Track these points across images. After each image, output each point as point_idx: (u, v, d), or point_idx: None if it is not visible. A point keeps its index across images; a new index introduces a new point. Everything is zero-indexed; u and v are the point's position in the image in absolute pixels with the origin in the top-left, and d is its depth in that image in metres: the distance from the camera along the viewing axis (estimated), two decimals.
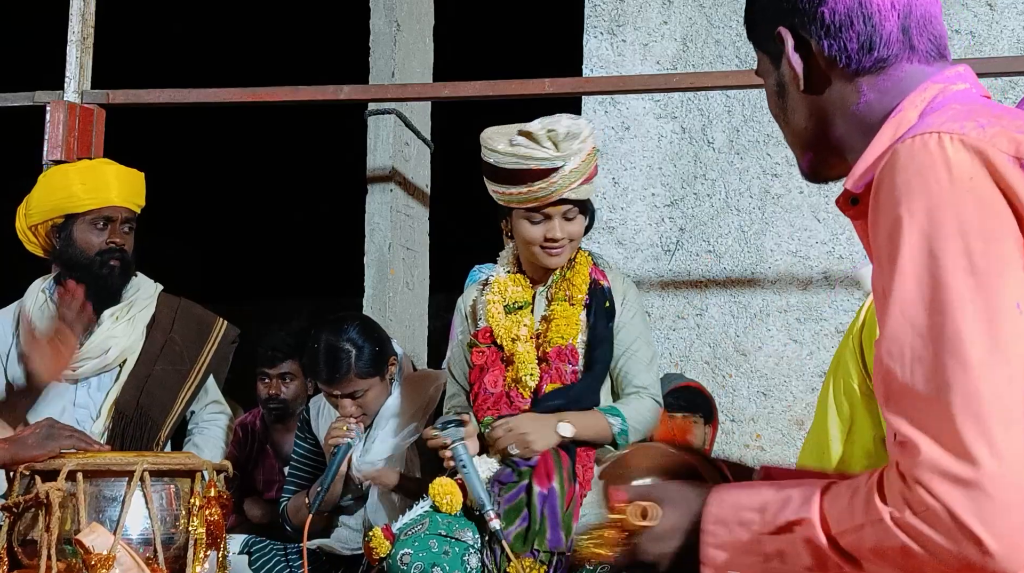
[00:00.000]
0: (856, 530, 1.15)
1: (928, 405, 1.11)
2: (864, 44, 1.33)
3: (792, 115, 1.41)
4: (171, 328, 3.26)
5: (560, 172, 2.65)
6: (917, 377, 1.12)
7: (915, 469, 1.10)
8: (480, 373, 2.79)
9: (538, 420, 2.68)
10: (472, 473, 2.56)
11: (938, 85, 1.31)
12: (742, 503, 1.25)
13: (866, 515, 1.14)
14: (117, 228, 3.13)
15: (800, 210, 4.11)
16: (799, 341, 4.06)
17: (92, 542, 2.08)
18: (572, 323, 2.73)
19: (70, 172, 3.20)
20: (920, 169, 1.16)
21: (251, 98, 3.98)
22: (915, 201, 1.15)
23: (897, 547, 1.12)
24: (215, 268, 9.64)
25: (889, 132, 1.29)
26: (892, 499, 1.12)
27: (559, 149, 2.65)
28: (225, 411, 3.35)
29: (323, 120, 7.68)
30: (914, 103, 1.30)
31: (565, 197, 2.69)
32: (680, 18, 4.29)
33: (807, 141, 1.41)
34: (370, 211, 4.65)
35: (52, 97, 3.91)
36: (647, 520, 1.31)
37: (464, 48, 6.37)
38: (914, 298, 1.13)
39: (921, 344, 1.12)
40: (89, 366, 3.13)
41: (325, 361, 3.02)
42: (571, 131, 2.64)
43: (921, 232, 1.13)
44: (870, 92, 1.34)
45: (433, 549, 2.50)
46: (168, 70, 6.44)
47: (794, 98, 1.40)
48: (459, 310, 3.00)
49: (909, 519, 1.10)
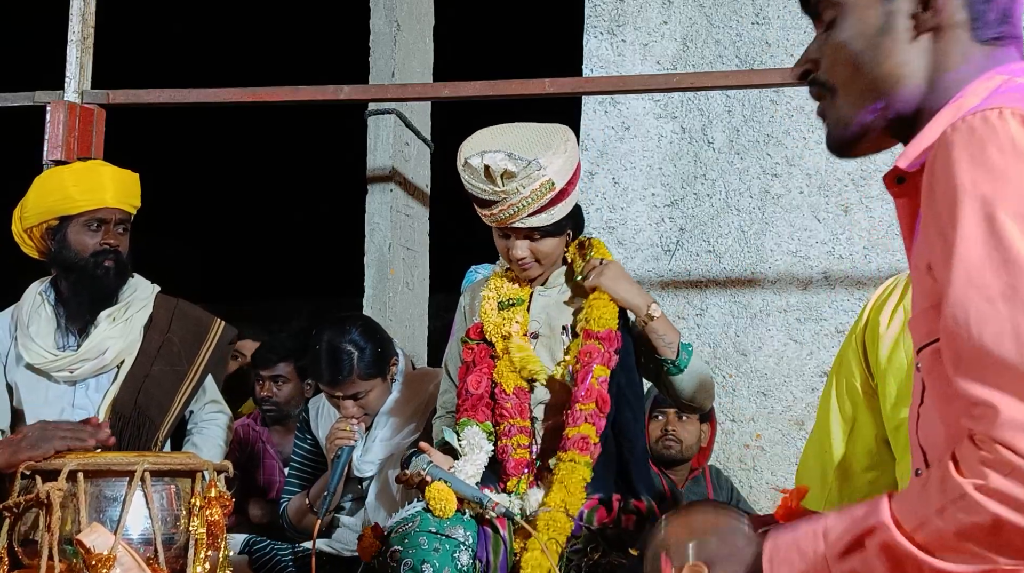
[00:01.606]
0: (937, 515, 1.11)
1: (1004, 365, 1.09)
2: (1002, 15, 1.30)
3: (886, 57, 1.31)
4: (168, 328, 3.26)
5: (500, 206, 2.65)
6: (988, 339, 1.10)
7: (995, 430, 1.07)
8: (467, 371, 2.79)
9: (634, 282, 2.75)
10: (456, 481, 2.57)
11: (1003, 76, 1.29)
12: (799, 536, 1.22)
13: (945, 496, 1.11)
14: (111, 229, 3.13)
15: (800, 210, 4.11)
16: (799, 341, 4.06)
17: (93, 542, 2.08)
18: (611, 307, 2.73)
19: (64, 174, 3.20)
20: (981, 141, 1.15)
21: (251, 98, 3.98)
22: (976, 171, 1.14)
23: (986, 522, 1.08)
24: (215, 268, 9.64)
25: (947, 116, 1.27)
26: (971, 470, 1.09)
27: (496, 184, 2.62)
28: (224, 410, 3.35)
29: (323, 120, 7.68)
30: (976, 91, 1.28)
31: (516, 226, 2.68)
32: (680, 18, 4.29)
33: (886, 91, 1.32)
34: (370, 211, 4.65)
35: (52, 97, 3.91)
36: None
37: (464, 48, 6.37)
38: (979, 262, 1.12)
39: (990, 307, 1.11)
40: (86, 367, 3.13)
41: (327, 363, 3.02)
42: (507, 170, 2.60)
43: (983, 199, 1.13)
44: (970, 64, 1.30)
45: (423, 546, 2.49)
46: (168, 70, 6.44)
47: (899, 39, 1.31)
48: (460, 307, 3.01)
49: (995, 484, 1.07)
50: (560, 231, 2.77)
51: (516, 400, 2.73)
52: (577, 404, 2.66)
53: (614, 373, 2.70)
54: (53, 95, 3.92)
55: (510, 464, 2.69)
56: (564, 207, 2.72)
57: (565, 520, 2.56)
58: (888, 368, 2.21)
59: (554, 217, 2.70)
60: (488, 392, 2.75)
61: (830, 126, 1.36)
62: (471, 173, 2.65)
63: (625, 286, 2.74)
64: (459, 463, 2.66)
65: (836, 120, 1.35)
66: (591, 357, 2.67)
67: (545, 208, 2.67)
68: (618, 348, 2.70)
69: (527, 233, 2.72)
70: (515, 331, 2.75)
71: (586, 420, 2.65)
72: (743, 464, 4.05)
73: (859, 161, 4.09)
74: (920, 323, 1.27)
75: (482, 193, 2.66)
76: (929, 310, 1.23)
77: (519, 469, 2.70)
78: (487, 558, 2.56)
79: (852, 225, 4.04)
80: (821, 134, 4.64)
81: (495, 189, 2.63)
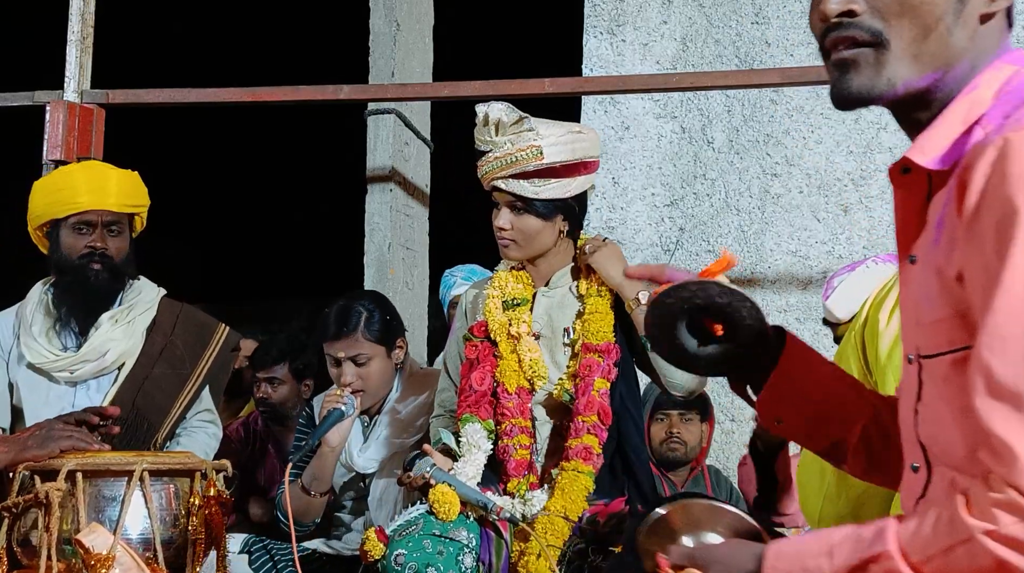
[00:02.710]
0: (944, 554, 1.10)
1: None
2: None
3: (961, 28, 1.24)
4: (172, 332, 3.26)
5: (487, 157, 2.71)
6: (1022, 378, 1.08)
7: (1012, 474, 1.06)
8: (470, 368, 2.78)
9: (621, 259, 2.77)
10: (460, 484, 2.57)
11: (1012, 67, 1.26)
12: (805, 551, 1.20)
13: (953, 535, 1.09)
14: (99, 232, 3.12)
15: (800, 210, 4.11)
16: None
17: (92, 542, 2.08)
18: (608, 319, 2.73)
19: (53, 177, 3.24)
20: None
21: (251, 98, 3.98)
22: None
23: (992, 565, 1.07)
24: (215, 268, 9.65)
25: (962, 110, 1.24)
26: (982, 513, 1.08)
27: (487, 134, 2.70)
28: (215, 422, 3.33)
29: (323, 120, 7.69)
30: (988, 83, 1.24)
31: (496, 185, 2.71)
32: (680, 18, 4.29)
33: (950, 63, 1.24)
34: (370, 211, 4.65)
35: (52, 97, 3.91)
36: None
37: (464, 48, 6.38)
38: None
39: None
40: (87, 369, 3.13)
41: (335, 317, 3.05)
42: (500, 120, 2.67)
43: None
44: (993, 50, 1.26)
45: (427, 549, 2.50)
46: (168, 70, 6.44)
47: (973, 14, 1.25)
48: (460, 306, 3.00)
49: (1006, 529, 1.06)
50: (546, 215, 2.75)
51: (518, 400, 2.73)
52: (579, 416, 2.66)
53: (615, 383, 2.70)
54: (53, 95, 3.92)
55: (511, 464, 2.69)
56: (555, 188, 2.70)
57: (564, 525, 2.56)
58: (888, 365, 2.21)
59: (539, 192, 2.69)
60: (490, 390, 2.75)
61: (864, 79, 1.25)
62: (477, 123, 2.73)
63: (618, 269, 2.74)
64: (458, 464, 2.66)
65: (878, 76, 1.25)
66: (591, 370, 2.68)
67: (529, 176, 2.67)
68: (617, 360, 2.71)
69: (510, 202, 2.72)
70: (523, 332, 2.76)
71: (588, 431, 2.66)
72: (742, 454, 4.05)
73: (859, 161, 4.10)
74: (939, 330, 1.24)
75: (478, 143, 2.72)
76: (952, 318, 1.20)
77: (520, 470, 2.70)
78: (490, 560, 2.57)
79: (852, 225, 4.04)
80: (821, 134, 4.64)
81: (486, 139, 2.70)
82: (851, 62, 1.26)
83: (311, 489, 3.04)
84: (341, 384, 3.02)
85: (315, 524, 3.13)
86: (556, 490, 2.62)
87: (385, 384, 3.12)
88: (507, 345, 2.76)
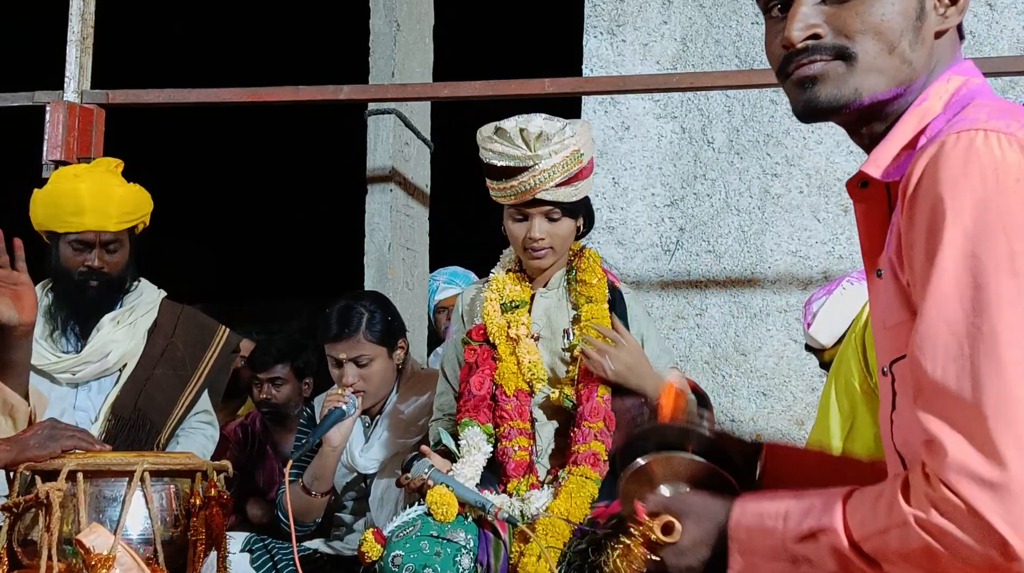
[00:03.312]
0: (880, 534, 1.14)
1: (959, 404, 1.10)
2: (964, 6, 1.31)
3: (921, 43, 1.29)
4: (173, 333, 3.26)
5: (531, 171, 2.63)
6: (950, 376, 1.11)
7: (942, 470, 1.09)
8: (469, 371, 2.78)
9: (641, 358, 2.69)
10: (459, 486, 2.57)
11: (960, 77, 1.29)
12: (764, 511, 1.26)
13: (890, 518, 1.14)
14: (97, 251, 3.10)
15: (800, 210, 4.11)
16: (799, 341, 4.05)
17: (92, 542, 2.08)
18: (605, 323, 2.73)
19: (54, 188, 3.12)
20: (966, 166, 1.14)
21: (251, 98, 3.98)
22: (960, 199, 1.13)
23: (921, 549, 1.11)
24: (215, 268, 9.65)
25: (913, 122, 1.27)
26: (917, 501, 1.12)
27: (531, 148, 2.63)
28: (213, 424, 3.34)
29: (323, 120, 7.69)
30: (938, 93, 1.28)
31: (540, 197, 2.67)
32: (680, 18, 4.29)
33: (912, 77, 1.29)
34: (370, 211, 4.65)
35: (52, 97, 3.91)
36: (671, 535, 1.32)
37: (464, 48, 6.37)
38: (952, 296, 1.12)
39: (956, 343, 1.11)
40: (89, 370, 3.13)
41: (337, 317, 3.05)
42: (544, 132, 2.61)
43: (964, 231, 1.12)
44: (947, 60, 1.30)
45: (425, 550, 2.50)
46: (168, 70, 6.44)
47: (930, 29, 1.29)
48: (456, 309, 3.00)
49: (934, 520, 1.10)
50: (577, 214, 2.77)
51: (517, 402, 2.73)
52: (584, 421, 2.66)
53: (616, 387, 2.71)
54: (53, 95, 3.91)
55: (510, 466, 2.69)
56: (585, 186, 2.74)
57: (564, 527, 2.56)
58: None
59: (579, 192, 2.71)
60: (490, 394, 2.75)
61: (831, 89, 1.29)
62: (503, 139, 2.65)
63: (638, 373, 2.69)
64: (457, 465, 2.66)
65: (846, 87, 1.28)
66: (592, 376, 2.68)
67: (571, 181, 2.68)
68: None
69: (548, 211, 2.70)
70: (522, 334, 2.75)
71: (596, 437, 2.66)
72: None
73: (859, 161, 4.09)
74: (895, 335, 1.27)
75: (512, 160, 2.64)
76: (910, 321, 1.22)
77: (519, 471, 2.70)
78: (488, 561, 2.57)
79: (852, 225, 4.04)
80: (821, 134, 4.64)
81: (527, 153, 2.63)
82: (819, 76, 1.29)
83: (312, 489, 3.04)
84: (343, 384, 3.02)
85: (316, 524, 3.14)
86: (562, 493, 2.62)
87: (386, 384, 3.13)
88: (506, 347, 2.76)
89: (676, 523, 1.32)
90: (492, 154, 2.66)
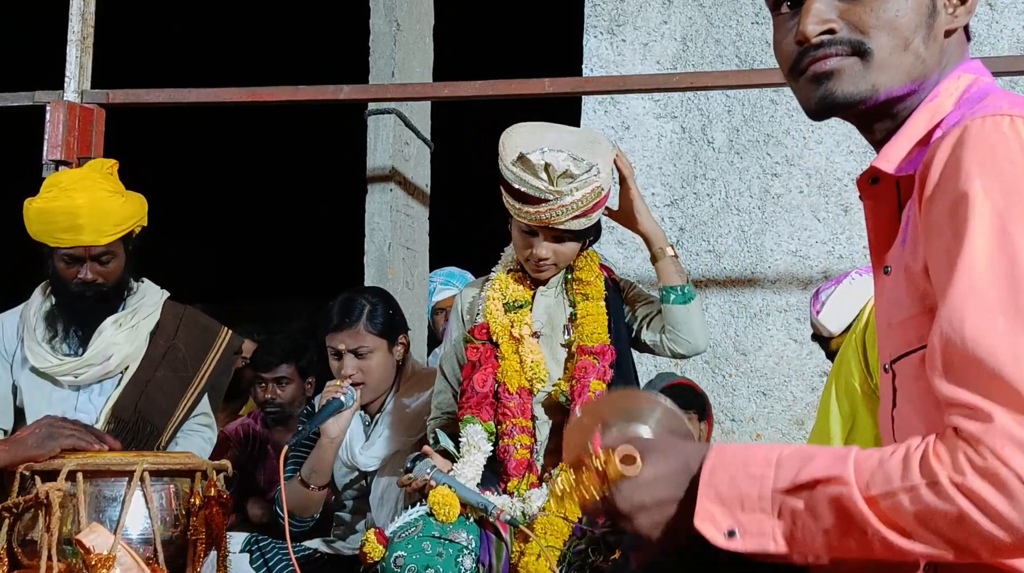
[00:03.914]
0: (905, 492, 1.09)
1: (996, 376, 1.08)
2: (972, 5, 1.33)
3: (933, 40, 1.30)
4: (175, 335, 3.25)
5: (549, 204, 2.63)
6: (982, 349, 1.09)
7: (987, 434, 1.07)
8: (472, 370, 2.79)
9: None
10: (461, 486, 2.57)
11: (970, 75, 1.30)
12: (751, 457, 1.17)
13: (915, 477, 1.09)
14: (89, 264, 3.08)
15: (800, 210, 4.11)
16: (799, 341, 4.05)
17: (92, 542, 2.08)
18: (601, 320, 2.74)
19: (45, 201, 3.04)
20: (993, 149, 1.14)
21: (251, 98, 3.97)
22: (989, 179, 1.13)
23: (951, 512, 1.07)
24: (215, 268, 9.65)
25: (924, 118, 1.27)
26: (952, 463, 1.08)
27: (553, 183, 2.61)
28: (211, 426, 3.33)
29: (323, 120, 7.69)
30: (949, 91, 1.29)
31: (556, 227, 2.68)
32: (680, 18, 4.29)
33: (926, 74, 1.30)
34: (370, 211, 4.65)
35: (52, 97, 3.90)
36: (630, 467, 1.19)
37: (464, 48, 6.37)
38: (984, 272, 1.11)
39: (988, 318, 1.10)
40: (91, 373, 3.12)
41: (339, 308, 3.07)
42: (568, 171, 2.60)
43: (995, 209, 1.12)
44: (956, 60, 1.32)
45: (427, 551, 2.50)
46: (168, 70, 6.44)
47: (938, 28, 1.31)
48: (455, 308, 2.99)
49: (972, 483, 1.06)
50: (585, 236, 2.79)
51: (519, 400, 2.73)
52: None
53: (612, 383, 2.71)
54: (53, 95, 3.91)
55: (511, 464, 2.70)
56: (599, 214, 2.74)
57: (563, 525, 2.56)
58: None
59: (591, 221, 2.72)
60: (492, 392, 2.76)
61: (847, 86, 1.29)
62: (526, 169, 2.63)
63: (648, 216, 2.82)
64: (457, 465, 2.66)
65: (864, 83, 1.29)
66: (586, 373, 2.69)
67: (588, 212, 2.68)
68: (612, 361, 2.71)
69: (559, 235, 2.71)
70: (525, 334, 2.76)
71: None
72: None
73: (859, 161, 4.09)
74: (901, 332, 1.26)
75: (533, 190, 2.63)
76: (921, 315, 1.21)
77: (520, 469, 2.70)
78: (490, 562, 2.57)
79: (852, 225, 4.04)
80: (821, 133, 4.63)
81: (550, 188, 2.62)
82: (835, 71, 1.30)
83: (310, 482, 3.03)
84: (341, 376, 3.02)
85: (314, 519, 3.12)
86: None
87: (385, 379, 3.12)
88: (509, 346, 2.77)
89: (637, 456, 1.19)
90: (512, 176, 2.65)
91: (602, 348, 2.71)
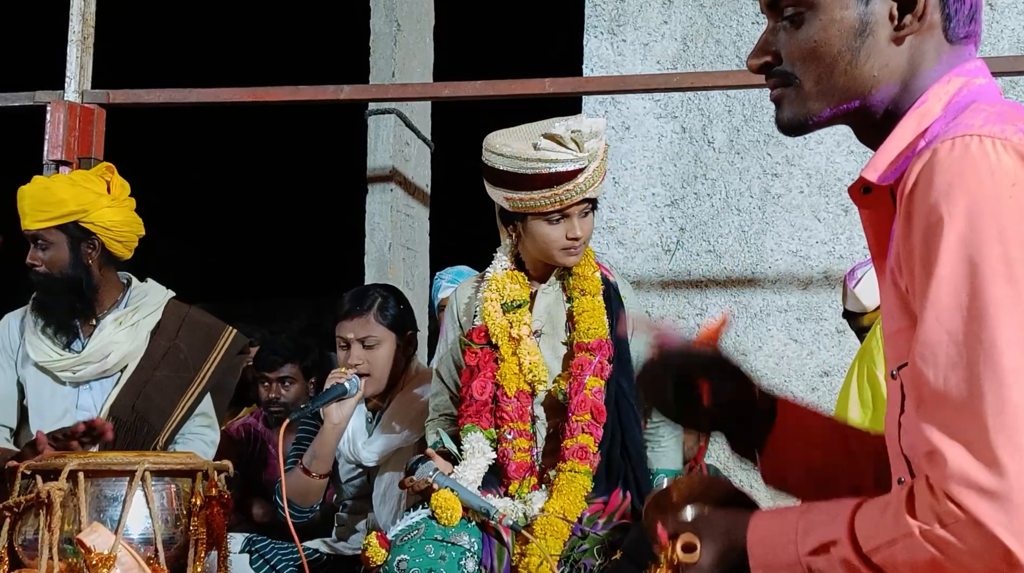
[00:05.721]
0: (888, 546, 1.14)
1: (959, 414, 1.09)
2: (970, 13, 1.31)
3: (865, 59, 1.30)
4: (176, 335, 3.24)
5: (585, 173, 2.64)
6: (950, 385, 1.10)
7: (943, 481, 1.08)
8: (471, 376, 2.77)
9: None
10: (463, 490, 2.57)
11: (961, 79, 1.29)
12: (780, 526, 1.26)
13: (896, 530, 1.13)
14: (32, 248, 3.13)
15: (800, 210, 4.11)
16: (799, 341, 4.06)
17: (93, 542, 2.08)
18: (599, 315, 2.74)
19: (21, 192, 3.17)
20: (961, 172, 1.13)
21: (251, 98, 3.98)
22: (955, 205, 1.12)
23: (927, 560, 1.10)
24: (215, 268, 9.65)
25: (912, 124, 1.27)
26: (921, 513, 1.11)
27: (583, 149, 2.62)
28: (213, 427, 3.31)
29: (323, 120, 7.69)
30: (938, 95, 1.27)
31: (587, 196, 2.69)
32: (680, 18, 4.29)
33: (863, 92, 1.31)
34: (370, 211, 4.65)
35: (52, 97, 3.91)
36: (691, 555, 1.32)
37: (464, 48, 6.37)
38: (950, 304, 1.11)
39: (956, 351, 1.10)
40: (89, 370, 3.12)
41: (351, 298, 3.11)
42: (593, 130, 2.63)
43: (960, 237, 1.11)
44: (942, 64, 1.30)
45: (430, 554, 2.50)
46: (168, 70, 6.44)
47: (879, 42, 1.30)
48: (450, 309, 2.96)
49: (938, 532, 1.09)
50: (597, 206, 2.83)
51: (518, 403, 2.73)
52: (573, 416, 2.68)
53: (612, 377, 2.70)
54: (53, 95, 3.91)
55: (511, 467, 2.70)
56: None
57: (563, 526, 2.56)
58: None
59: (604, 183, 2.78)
60: (491, 397, 2.75)
61: (789, 112, 1.35)
62: (557, 143, 2.62)
63: None
64: (459, 469, 2.66)
65: (800, 109, 1.34)
66: (583, 370, 2.69)
67: (604, 174, 2.74)
68: (610, 356, 2.71)
69: (584, 208, 2.72)
70: (524, 334, 2.75)
71: (583, 430, 2.67)
72: (743, 464, 4.05)
73: (859, 161, 4.09)
74: (897, 342, 1.26)
75: (565, 164, 2.62)
76: (910, 329, 1.21)
77: (520, 472, 2.70)
78: (492, 565, 2.57)
79: (852, 225, 4.04)
80: (821, 134, 4.64)
81: (579, 155, 2.63)
82: (778, 99, 1.37)
83: (311, 469, 3.03)
84: (348, 365, 3.03)
85: (314, 510, 3.11)
86: (554, 491, 2.63)
87: (390, 373, 3.12)
88: (508, 347, 2.75)
89: (696, 543, 1.32)
90: (537, 165, 2.62)
91: (599, 343, 2.71)
